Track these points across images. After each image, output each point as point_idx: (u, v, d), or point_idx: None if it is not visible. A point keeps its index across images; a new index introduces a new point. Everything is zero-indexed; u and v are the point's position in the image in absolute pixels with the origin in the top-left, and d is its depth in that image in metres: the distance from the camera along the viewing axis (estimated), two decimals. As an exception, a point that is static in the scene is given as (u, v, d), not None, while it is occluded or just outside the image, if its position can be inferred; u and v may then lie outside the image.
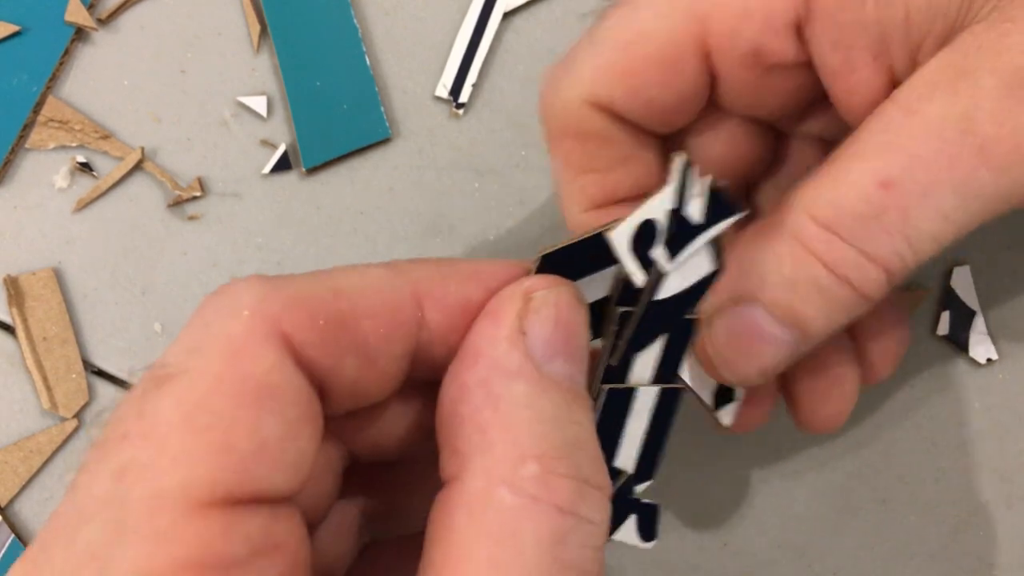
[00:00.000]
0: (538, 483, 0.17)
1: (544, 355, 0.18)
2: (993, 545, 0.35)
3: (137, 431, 0.16)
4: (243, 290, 0.17)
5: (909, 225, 0.21)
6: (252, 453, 0.16)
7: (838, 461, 0.35)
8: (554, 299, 0.19)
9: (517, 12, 0.37)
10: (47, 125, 0.36)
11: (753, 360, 0.23)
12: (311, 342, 0.17)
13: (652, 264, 0.23)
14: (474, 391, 0.18)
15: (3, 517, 0.34)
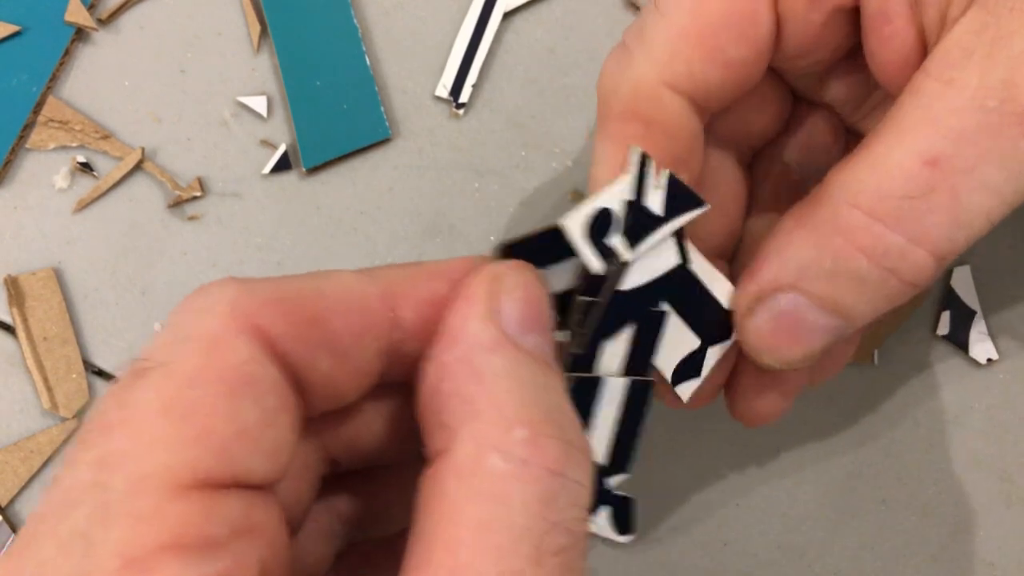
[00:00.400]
0: (527, 446, 0.17)
1: (519, 330, 0.19)
2: (993, 545, 0.35)
3: (118, 420, 0.16)
4: (219, 289, 0.18)
5: (958, 204, 0.21)
6: (231, 438, 0.16)
7: (838, 461, 0.35)
8: (522, 278, 0.20)
9: (517, 12, 0.37)
10: (47, 125, 0.36)
11: (797, 346, 0.23)
12: (285, 336, 0.18)
13: (611, 253, 0.23)
14: (456, 368, 0.18)
15: (3, 517, 0.34)
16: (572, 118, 0.36)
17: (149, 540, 0.15)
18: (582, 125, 0.36)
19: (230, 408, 0.17)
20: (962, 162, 0.21)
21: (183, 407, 0.16)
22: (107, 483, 0.16)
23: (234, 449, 0.16)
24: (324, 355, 0.19)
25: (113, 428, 0.16)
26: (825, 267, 0.22)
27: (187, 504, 0.16)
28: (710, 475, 0.35)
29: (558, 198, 0.36)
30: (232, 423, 0.17)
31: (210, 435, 0.16)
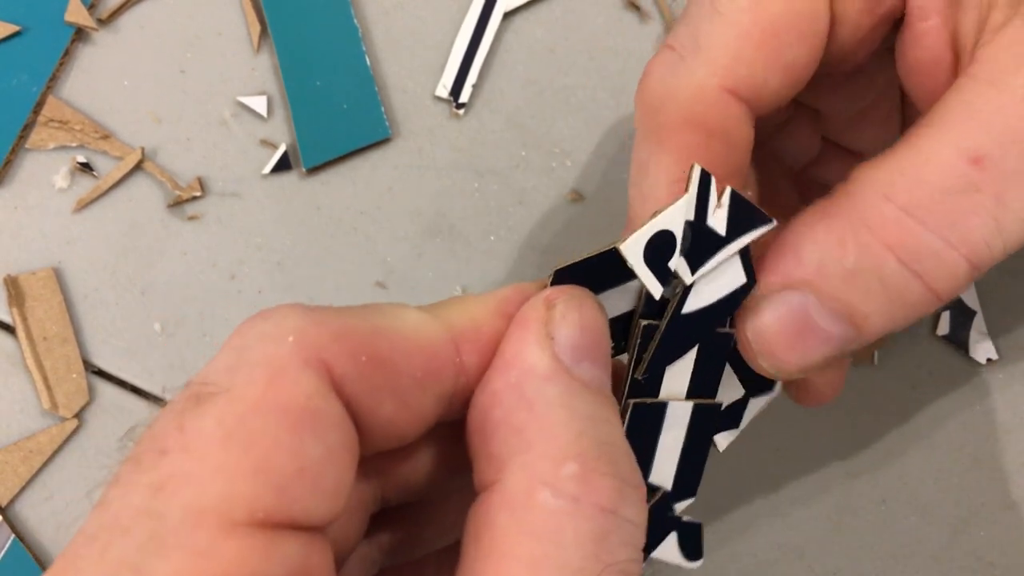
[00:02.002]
0: (579, 482, 0.17)
1: (573, 358, 0.18)
2: (993, 545, 0.35)
3: (177, 446, 0.16)
4: (286, 316, 0.17)
5: (1002, 206, 0.19)
6: (292, 475, 0.16)
7: (838, 461, 0.35)
8: (577, 304, 0.19)
9: (517, 12, 0.37)
10: (47, 125, 0.36)
11: (796, 353, 0.21)
12: (351, 376, 0.17)
13: (672, 276, 0.22)
14: (507, 395, 0.18)
15: (3, 517, 0.34)
16: (572, 118, 0.36)
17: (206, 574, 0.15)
18: (582, 125, 0.36)
19: (293, 443, 0.16)
20: (1009, 163, 0.19)
21: (245, 438, 0.16)
22: (162, 511, 0.15)
23: (294, 487, 0.16)
24: (387, 398, 0.18)
25: (171, 452, 0.16)
26: (847, 264, 0.20)
27: (245, 542, 0.15)
28: (710, 475, 0.35)
29: (558, 198, 0.36)
30: (294, 459, 0.16)
31: (271, 470, 0.16)
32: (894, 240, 0.20)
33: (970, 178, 0.19)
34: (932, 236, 0.20)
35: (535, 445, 0.17)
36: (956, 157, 0.20)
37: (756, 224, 0.22)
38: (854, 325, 0.21)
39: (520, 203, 0.36)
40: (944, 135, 0.20)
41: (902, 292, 0.20)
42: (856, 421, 0.35)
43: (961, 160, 0.19)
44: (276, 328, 0.17)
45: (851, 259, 0.20)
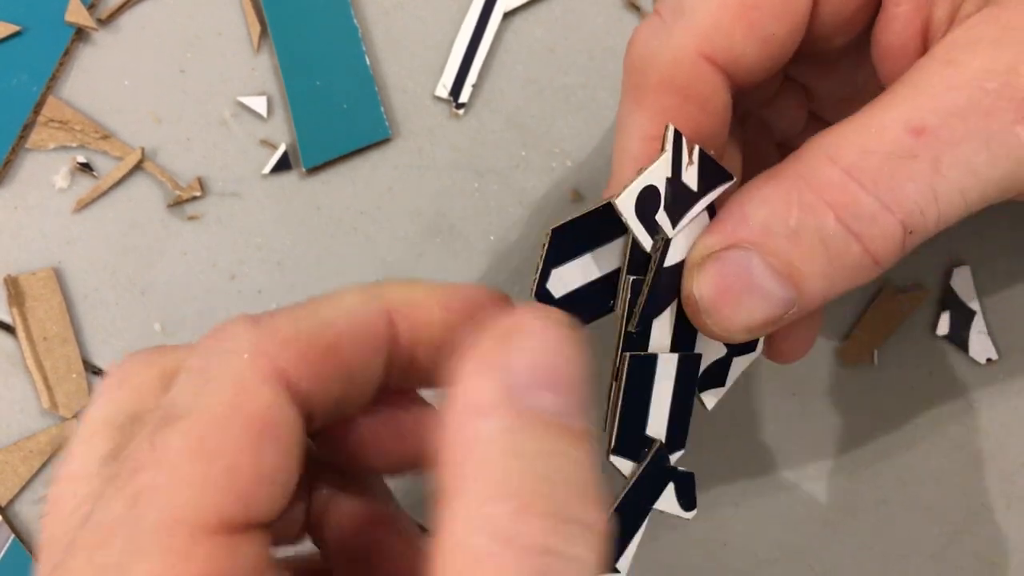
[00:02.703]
0: (511, 521, 0.16)
1: (528, 387, 0.17)
2: (993, 545, 0.35)
3: (149, 461, 0.17)
4: (238, 333, 0.19)
5: (938, 175, 0.20)
6: (253, 482, 0.17)
7: (838, 461, 0.35)
8: (539, 328, 0.18)
9: (517, 12, 0.37)
10: (47, 125, 0.36)
11: (741, 313, 0.22)
12: (304, 374, 0.19)
13: (658, 229, 0.23)
14: (451, 429, 0.17)
15: (3, 517, 0.34)
16: (572, 118, 0.36)
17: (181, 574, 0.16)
18: (582, 125, 0.36)
19: (253, 453, 0.17)
20: (948, 134, 0.20)
21: (211, 451, 0.17)
22: (138, 520, 0.17)
23: (254, 492, 0.17)
24: (336, 382, 0.19)
25: (146, 468, 0.17)
26: (789, 223, 0.21)
27: (214, 545, 0.17)
28: (710, 475, 0.35)
29: (558, 198, 0.36)
30: (255, 467, 0.17)
31: (235, 479, 0.17)
32: (835, 199, 0.21)
33: (909, 147, 0.20)
34: (870, 198, 0.20)
35: (471, 485, 0.16)
36: (899, 126, 0.20)
37: (721, 180, 0.24)
38: (794, 285, 0.21)
39: (520, 203, 0.36)
40: (892, 106, 0.21)
41: (841, 253, 0.21)
42: (856, 421, 0.35)
43: (903, 129, 0.20)
44: (231, 345, 0.18)
45: (794, 218, 0.21)
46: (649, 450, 0.25)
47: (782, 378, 0.35)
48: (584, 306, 0.24)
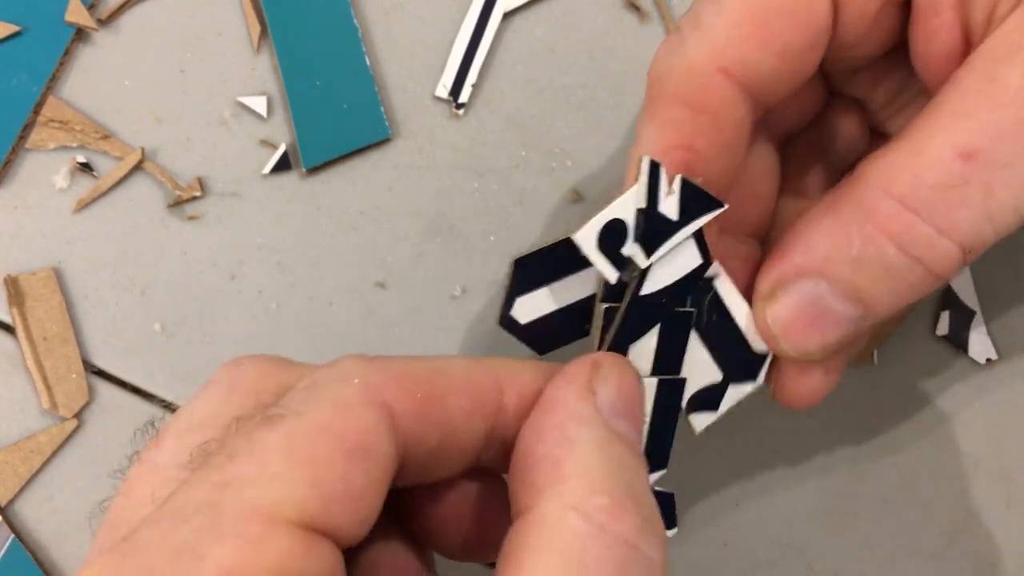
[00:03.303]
0: (607, 514, 0.18)
1: (610, 413, 0.20)
2: (993, 545, 0.35)
3: (244, 452, 0.18)
4: (353, 363, 0.20)
5: (992, 198, 0.21)
6: (339, 494, 0.18)
7: (838, 461, 0.35)
8: (618, 369, 0.22)
9: (517, 12, 0.37)
10: (47, 125, 0.36)
11: (815, 335, 0.23)
12: (407, 412, 0.20)
13: (627, 261, 0.23)
14: (550, 433, 0.20)
15: (3, 517, 0.34)
16: (572, 118, 0.36)
17: (254, 562, 0.16)
18: (582, 125, 0.36)
19: (344, 468, 0.18)
20: (997, 157, 0.21)
21: (306, 454, 0.18)
22: (222, 504, 0.17)
23: (338, 505, 0.18)
24: (437, 429, 0.20)
25: (238, 457, 0.18)
26: (852, 253, 0.22)
27: (290, 539, 0.17)
28: (710, 475, 0.35)
29: (558, 198, 0.36)
30: (343, 481, 0.18)
31: (321, 486, 0.18)
32: (893, 230, 0.22)
33: (961, 172, 0.21)
34: (926, 226, 0.21)
35: (571, 477, 0.19)
36: (948, 152, 0.21)
37: (708, 208, 0.24)
38: (864, 306, 0.23)
39: (520, 203, 0.36)
40: (939, 131, 0.21)
41: (905, 275, 0.22)
42: (856, 421, 0.35)
43: (953, 155, 0.21)
44: (344, 371, 0.20)
45: (856, 248, 0.22)
46: None
47: (782, 378, 0.35)
48: (554, 332, 0.25)
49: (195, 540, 0.16)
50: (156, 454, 0.20)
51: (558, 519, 0.18)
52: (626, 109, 0.36)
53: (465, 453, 0.21)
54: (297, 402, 0.19)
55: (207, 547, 0.16)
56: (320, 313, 0.35)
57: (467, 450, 0.21)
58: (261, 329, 0.35)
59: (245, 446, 0.18)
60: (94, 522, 0.22)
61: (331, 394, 0.19)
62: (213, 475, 0.18)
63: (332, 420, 0.18)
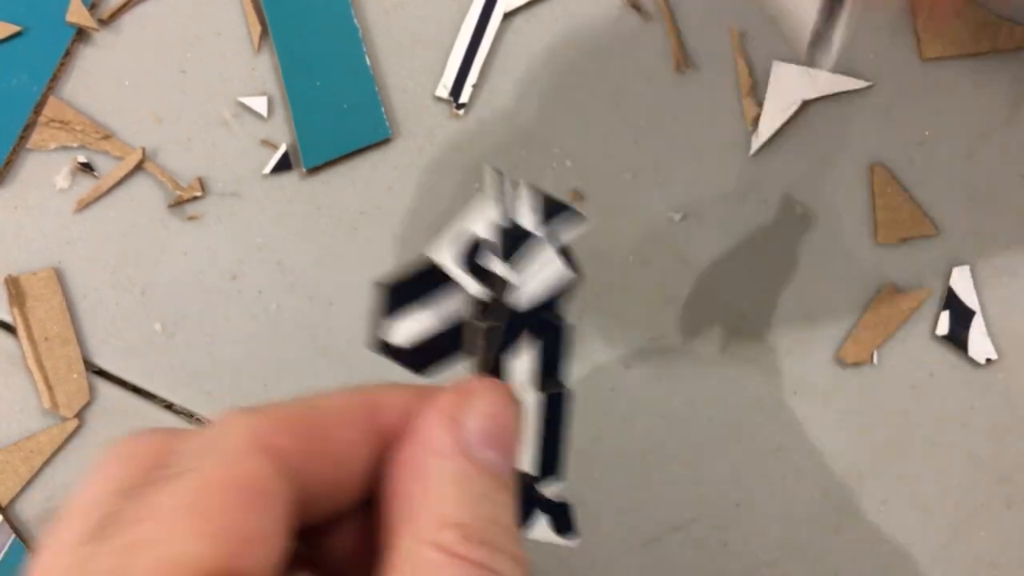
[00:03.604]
0: (461, 544, 0.19)
1: (478, 444, 0.21)
2: (993, 545, 0.35)
3: (144, 517, 0.18)
4: (236, 416, 0.20)
5: None
6: (240, 543, 0.18)
7: (838, 461, 0.35)
8: (489, 395, 0.22)
9: (517, 12, 0.37)
10: (48, 125, 0.36)
11: None
12: (296, 451, 0.20)
13: (490, 275, 0.24)
14: (407, 467, 0.20)
15: (4, 517, 0.34)
16: (573, 118, 0.36)
17: None
18: (582, 125, 0.36)
19: (243, 515, 0.18)
20: None
21: (205, 508, 0.18)
22: (128, 568, 0.17)
23: (242, 553, 0.18)
24: (328, 463, 0.21)
25: (140, 522, 0.18)
26: None
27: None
28: (710, 475, 0.35)
29: (558, 198, 0.36)
30: (243, 529, 0.18)
31: (224, 538, 0.18)
32: None
33: None
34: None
35: (421, 515, 0.20)
36: None
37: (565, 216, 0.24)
38: None
39: (520, 203, 0.36)
40: None
41: None
42: (856, 421, 0.35)
43: None
44: (227, 427, 0.20)
45: None
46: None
47: (784, 379, 0.35)
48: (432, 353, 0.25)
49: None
50: (59, 533, 0.20)
51: (417, 554, 0.19)
52: (627, 109, 0.36)
53: (360, 481, 0.21)
54: (186, 460, 0.19)
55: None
56: (320, 313, 0.35)
57: (361, 478, 0.21)
58: (261, 329, 0.35)
59: (143, 510, 0.18)
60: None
61: (218, 447, 0.20)
62: (116, 542, 0.18)
63: (222, 472, 0.19)
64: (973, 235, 0.35)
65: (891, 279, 0.35)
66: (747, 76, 0.36)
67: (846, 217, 0.35)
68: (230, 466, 0.19)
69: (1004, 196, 0.35)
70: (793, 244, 0.35)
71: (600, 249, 0.35)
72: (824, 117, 0.36)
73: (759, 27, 0.36)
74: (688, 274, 0.35)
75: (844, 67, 0.36)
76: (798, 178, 0.36)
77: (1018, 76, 0.36)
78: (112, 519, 0.19)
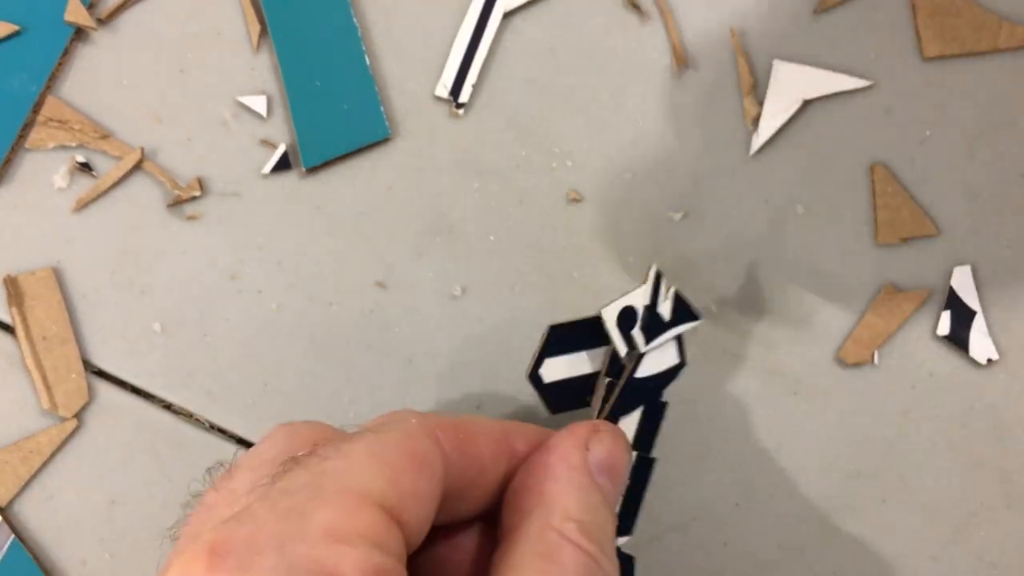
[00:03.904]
0: (578, 533, 0.23)
1: (597, 469, 0.25)
2: (993, 545, 0.35)
3: (335, 455, 0.22)
4: (406, 412, 0.25)
5: None
6: (409, 494, 0.22)
7: (838, 461, 0.35)
8: (612, 436, 0.26)
9: (517, 12, 0.37)
10: (47, 125, 0.36)
11: None
12: (451, 448, 0.24)
13: (632, 342, 0.31)
14: (542, 470, 0.25)
15: (3, 517, 0.34)
16: (572, 118, 0.36)
17: (349, 526, 0.20)
18: (582, 125, 0.36)
19: (413, 475, 0.22)
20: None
21: (384, 458, 0.22)
22: (321, 484, 0.21)
23: (409, 502, 0.21)
24: (471, 465, 0.25)
25: (329, 459, 0.21)
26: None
27: (378, 514, 0.21)
28: (710, 475, 0.35)
29: (558, 198, 0.36)
30: (413, 484, 0.22)
31: (399, 483, 0.21)
32: None
33: None
34: None
35: (552, 505, 0.24)
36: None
37: (690, 318, 0.32)
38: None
39: (520, 203, 0.36)
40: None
41: None
42: (856, 421, 0.35)
43: None
44: (401, 416, 0.24)
45: None
46: None
47: (782, 378, 0.35)
48: (566, 396, 0.33)
49: (301, 506, 0.20)
50: (231, 482, 0.23)
51: (539, 533, 0.23)
52: (627, 109, 0.36)
53: (488, 491, 0.25)
54: (372, 426, 0.23)
55: (312, 511, 0.20)
56: (320, 313, 0.35)
57: (490, 489, 0.25)
58: (261, 329, 0.35)
59: (334, 452, 0.22)
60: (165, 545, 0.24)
61: (398, 425, 0.23)
62: (310, 468, 0.21)
63: (402, 440, 0.22)
64: (974, 235, 0.35)
65: (891, 279, 0.35)
66: (747, 75, 0.36)
67: (846, 217, 0.35)
68: (407, 438, 0.23)
69: (1006, 196, 0.35)
70: (793, 244, 0.35)
71: (599, 249, 0.35)
72: (824, 117, 0.36)
73: (759, 27, 0.36)
74: (688, 274, 0.35)
75: (844, 67, 0.36)
76: (798, 178, 0.36)
77: (1019, 76, 0.36)
78: (294, 463, 0.22)
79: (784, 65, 0.36)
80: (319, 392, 0.35)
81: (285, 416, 0.35)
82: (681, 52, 0.36)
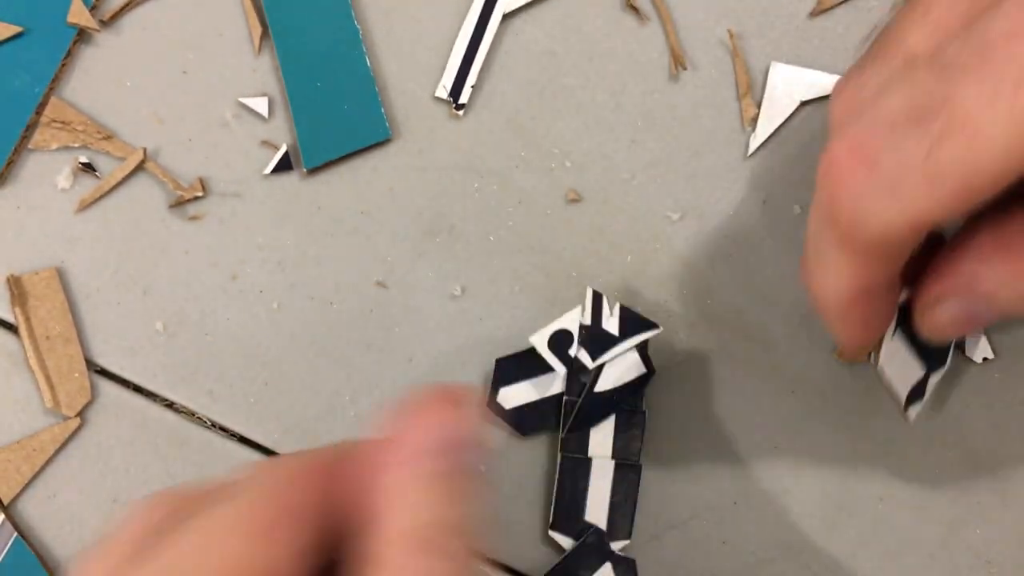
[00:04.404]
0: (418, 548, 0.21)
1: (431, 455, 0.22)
2: (990, 543, 0.35)
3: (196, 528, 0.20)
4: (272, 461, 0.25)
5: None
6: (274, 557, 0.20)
7: (836, 459, 0.35)
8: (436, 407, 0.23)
9: (517, 13, 0.37)
10: (50, 126, 0.36)
11: (959, 333, 0.28)
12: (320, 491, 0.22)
13: (576, 361, 0.33)
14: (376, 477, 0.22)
15: (6, 516, 0.35)
16: (572, 118, 0.36)
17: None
18: (582, 125, 0.36)
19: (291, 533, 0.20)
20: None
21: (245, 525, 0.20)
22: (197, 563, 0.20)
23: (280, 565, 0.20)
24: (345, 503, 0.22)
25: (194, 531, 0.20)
26: (1020, 290, 0.25)
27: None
28: (709, 474, 0.35)
29: (558, 198, 0.36)
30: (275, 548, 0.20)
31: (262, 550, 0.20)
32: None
33: None
34: None
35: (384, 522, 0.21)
36: None
37: (644, 329, 0.33)
38: (1005, 316, 0.26)
39: (520, 203, 0.36)
40: None
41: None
42: (854, 420, 0.35)
43: None
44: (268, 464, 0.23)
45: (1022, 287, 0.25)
46: (588, 531, 0.33)
47: (782, 378, 0.35)
48: (532, 419, 0.34)
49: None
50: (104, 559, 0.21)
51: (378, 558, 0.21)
52: (625, 109, 0.36)
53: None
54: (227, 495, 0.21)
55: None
56: (320, 313, 0.36)
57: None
58: (261, 328, 0.36)
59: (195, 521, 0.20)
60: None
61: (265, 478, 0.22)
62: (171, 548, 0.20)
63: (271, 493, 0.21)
64: (970, 235, 0.35)
65: (889, 279, 0.35)
66: (745, 77, 0.36)
67: (844, 217, 0.36)
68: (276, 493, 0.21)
69: (1001, 196, 0.35)
70: (792, 243, 0.35)
71: (599, 249, 0.36)
72: (822, 117, 0.36)
73: (757, 28, 0.36)
74: (687, 273, 0.35)
75: (841, 68, 0.36)
76: (796, 178, 0.36)
77: (1015, 77, 0.36)
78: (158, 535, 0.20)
79: (781, 67, 0.36)
80: (319, 391, 0.35)
81: (286, 414, 0.35)
82: (679, 53, 0.36)
